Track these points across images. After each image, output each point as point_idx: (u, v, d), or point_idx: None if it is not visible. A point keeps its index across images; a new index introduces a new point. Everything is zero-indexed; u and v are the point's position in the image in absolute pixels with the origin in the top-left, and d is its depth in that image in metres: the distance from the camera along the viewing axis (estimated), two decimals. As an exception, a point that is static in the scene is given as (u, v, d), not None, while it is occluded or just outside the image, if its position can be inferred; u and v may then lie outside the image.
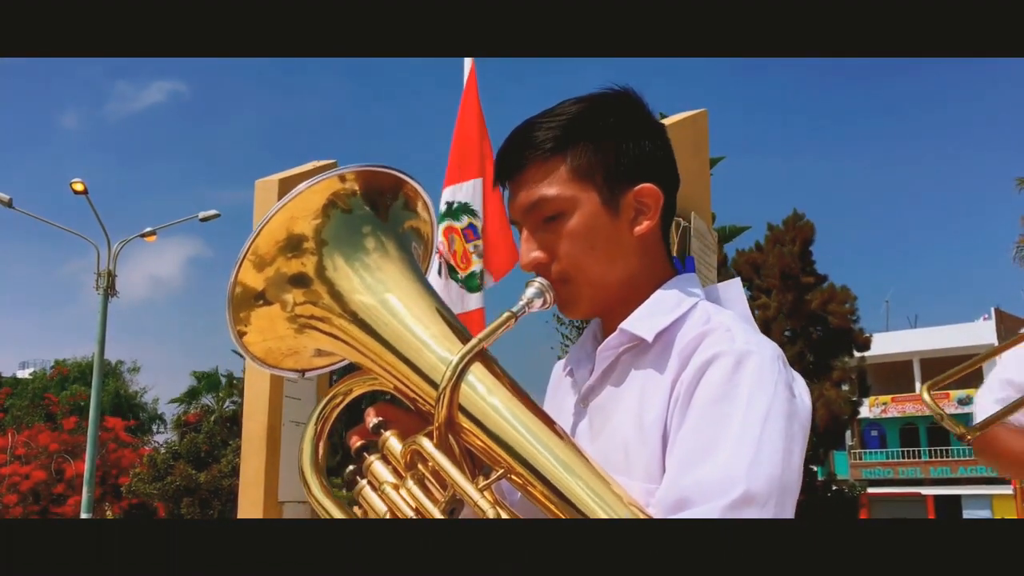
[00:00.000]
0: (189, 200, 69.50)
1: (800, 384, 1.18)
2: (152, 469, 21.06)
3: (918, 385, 37.94)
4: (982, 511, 31.42)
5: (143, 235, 19.94)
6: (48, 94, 72.03)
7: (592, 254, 1.25)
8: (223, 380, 28.80)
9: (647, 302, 1.27)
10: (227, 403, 26.11)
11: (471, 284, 4.28)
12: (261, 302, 1.29)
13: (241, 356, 1.46)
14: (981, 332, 36.76)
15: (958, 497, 32.46)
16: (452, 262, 4.28)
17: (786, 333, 27.61)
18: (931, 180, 66.66)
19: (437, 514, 1.14)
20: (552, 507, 1.10)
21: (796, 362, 27.19)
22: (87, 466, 17.82)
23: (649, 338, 1.23)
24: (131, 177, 73.51)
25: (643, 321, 1.24)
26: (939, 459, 35.08)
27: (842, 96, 65.88)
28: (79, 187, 18.31)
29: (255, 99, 76.93)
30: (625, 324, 1.25)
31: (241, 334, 1.32)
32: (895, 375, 38.26)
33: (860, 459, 37.01)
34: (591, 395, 1.30)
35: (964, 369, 2.03)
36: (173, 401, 30.93)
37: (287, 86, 77.91)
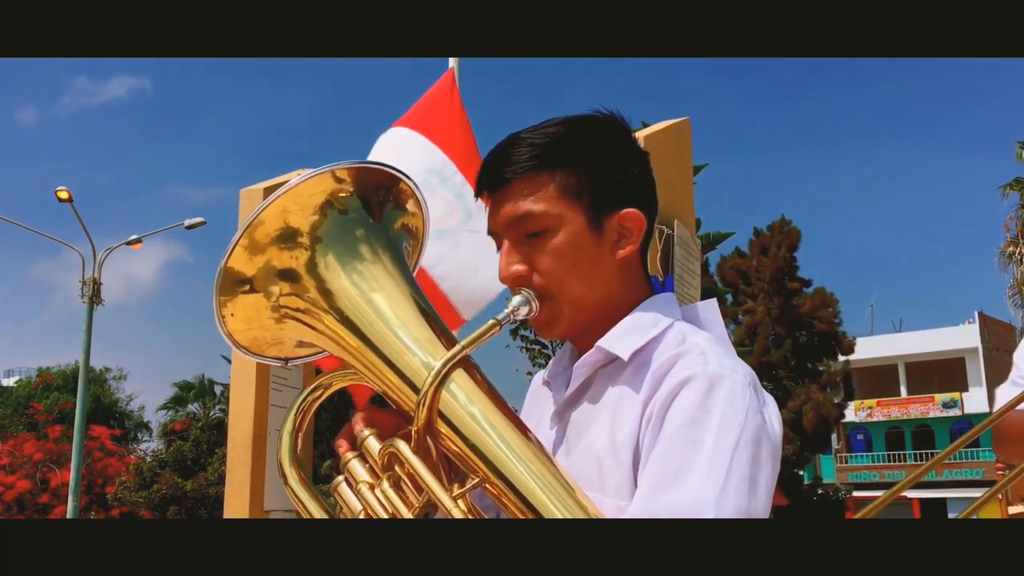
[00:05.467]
0: (164, 200, 68.51)
1: (771, 409, 1.20)
2: (138, 477, 20.95)
3: (903, 389, 38.16)
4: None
5: (129, 243, 19.80)
6: (3, 87, 70.58)
7: (573, 273, 1.27)
8: (208, 385, 28.65)
9: (624, 321, 1.29)
10: (214, 410, 25.98)
11: None
12: (249, 290, 1.31)
13: (228, 360, 1.48)
14: (965, 336, 36.95)
15: (943, 500, 32.57)
16: None
17: (771, 337, 27.69)
18: (916, 185, 67.09)
19: (408, 516, 1.16)
20: (522, 519, 1.12)
21: (782, 366, 27.28)
22: (72, 475, 17.68)
23: (625, 356, 1.24)
24: (99, 176, 72.46)
25: (620, 339, 1.26)
26: (924, 462, 35.16)
27: (826, 102, 66.23)
28: (64, 195, 18.18)
29: (226, 97, 76.36)
30: (602, 342, 1.27)
31: (226, 321, 1.33)
32: (880, 379, 38.41)
33: (846, 463, 37.11)
34: (566, 410, 1.32)
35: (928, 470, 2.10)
36: (161, 409, 30.72)
37: (259, 85, 77.43)
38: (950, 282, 67.40)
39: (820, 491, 28.63)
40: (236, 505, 4.33)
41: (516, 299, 1.27)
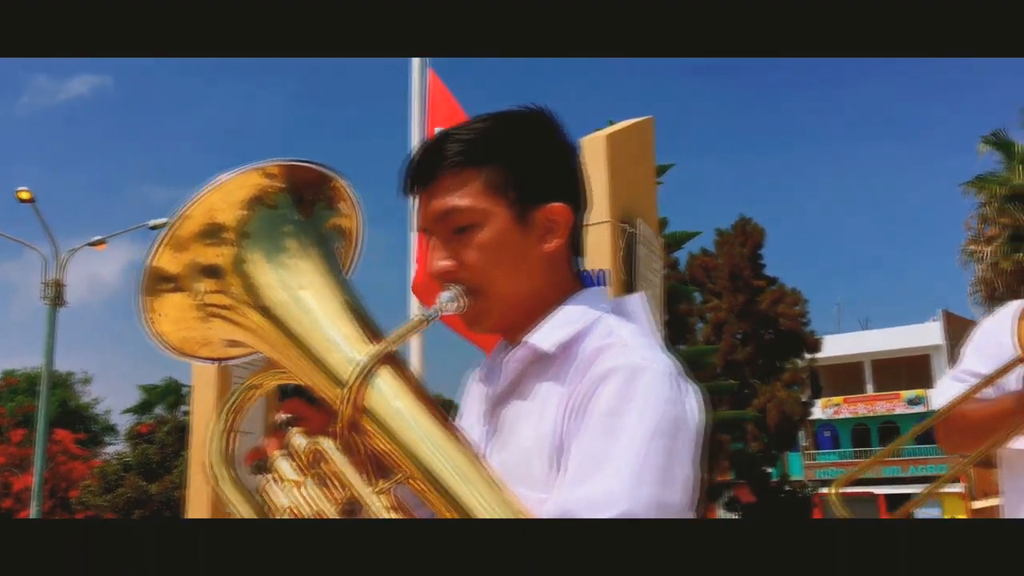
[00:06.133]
0: (128, 200, 67.27)
1: (693, 399, 1.21)
2: (102, 481, 20.72)
3: (869, 386, 38.61)
4: (932, 510, 31.95)
5: (92, 244, 19.55)
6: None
7: (500, 267, 1.28)
8: (175, 387, 28.40)
9: (552, 315, 1.29)
10: (181, 412, 25.76)
11: None
12: (174, 289, 1.30)
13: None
14: (929, 334, 37.46)
15: (909, 496, 32.97)
16: None
17: (738, 336, 27.94)
18: (884, 184, 67.96)
19: (334, 514, 1.16)
20: (447, 515, 1.12)
21: (748, 364, 27.51)
22: (35, 479, 17.45)
23: (551, 351, 1.25)
24: (61, 175, 71.01)
25: (546, 334, 1.27)
26: (891, 459, 35.63)
27: (796, 102, 66.86)
28: (25, 195, 17.91)
29: (191, 95, 75.41)
30: (529, 337, 1.28)
31: (154, 322, 1.32)
32: (847, 376, 38.84)
33: (814, 460, 37.48)
34: (498, 406, 1.33)
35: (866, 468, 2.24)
36: (126, 411, 30.35)
37: (225, 83, 76.71)
38: (915, 280, 68.38)
39: (787, 488, 28.90)
40: (199, 506, 4.30)
41: (444, 295, 1.27)
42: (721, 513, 28.29)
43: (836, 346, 35.64)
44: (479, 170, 1.28)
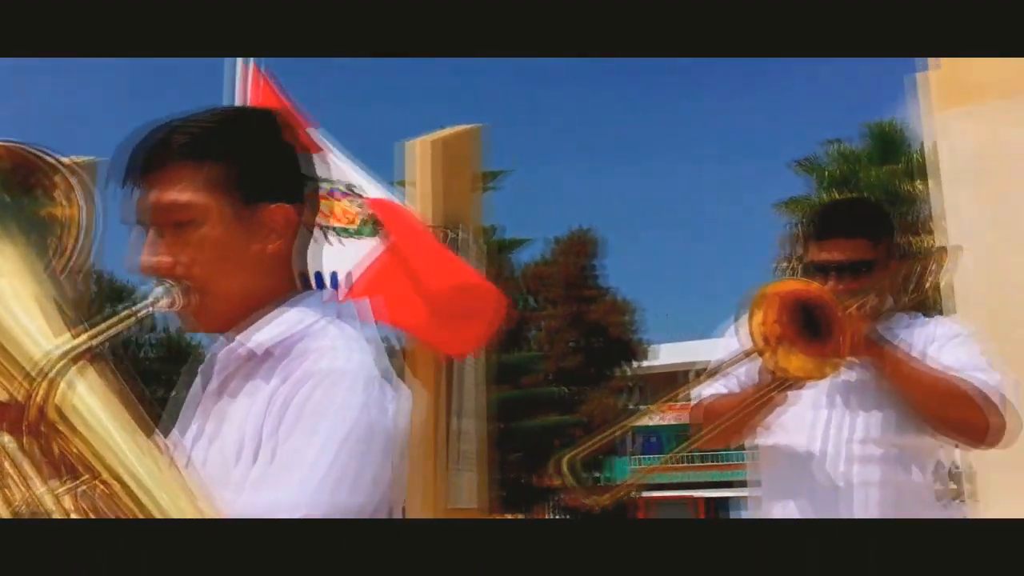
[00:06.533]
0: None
1: (396, 404, 1.22)
2: None
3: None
4: (746, 511, 33.70)
5: None
6: None
7: (218, 265, 1.26)
8: None
9: (266, 316, 1.28)
10: None
11: (365, 232, 4.62)
12: None
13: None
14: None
15: (726, 499, 34.59)
16: (338, 224, 4.60)
17: (570, 344, 28.61)
18: (711, 200, 71.17)
19: (8, 515, 1.12)
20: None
21: (580, 371, 28.21)
22: None
23: (259, 351, 1.25)
24: None
25: (258, 334, 1.26)
26: (711, 463, 37.23)
27: (643, 114, 69.08)
28: None
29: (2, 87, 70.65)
30: (241, 336, 1.26)
31: None
32: (674, 384, 40.28)
33: (639, 464, 38.72)
34: (209, 403, 1.31)
35: (603, 440, 2.51)
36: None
37: (37, 77, 72.18)
38: (741, 291, 71.57)
39: (613, 492, 29.73)
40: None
41: (157, 290, 1.23)
42: (551, 516, 28.86)
43: (666, 355, 36.99)
44: (203, 165, 1.25)
